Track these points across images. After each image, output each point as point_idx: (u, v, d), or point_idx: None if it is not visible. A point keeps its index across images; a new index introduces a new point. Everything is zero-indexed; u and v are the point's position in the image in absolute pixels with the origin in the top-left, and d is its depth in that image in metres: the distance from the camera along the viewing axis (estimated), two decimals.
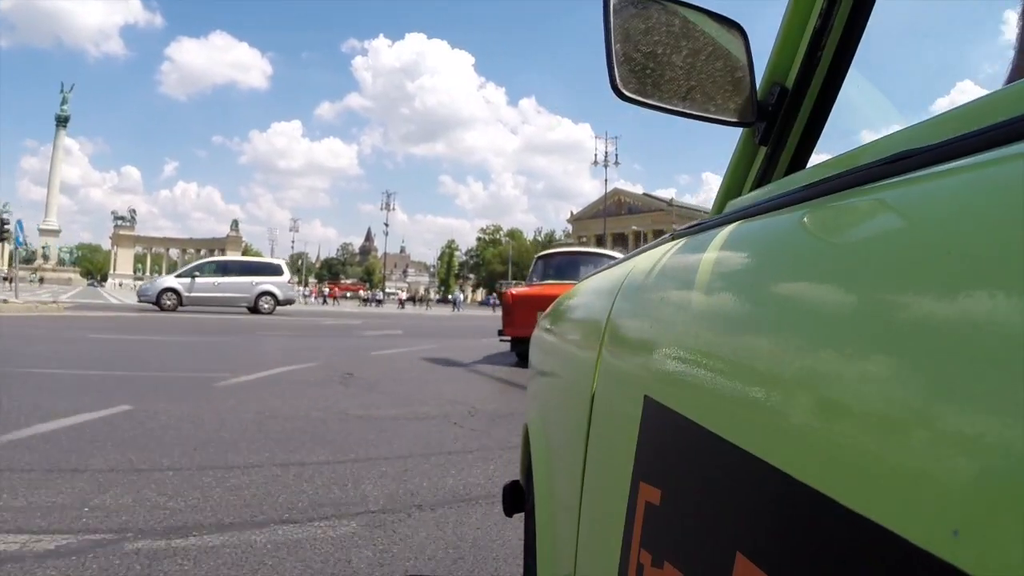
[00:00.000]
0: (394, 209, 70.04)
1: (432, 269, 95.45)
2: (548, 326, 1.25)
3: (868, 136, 0.84)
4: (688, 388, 0.39)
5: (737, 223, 0.49)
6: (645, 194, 72.22)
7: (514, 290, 7.81)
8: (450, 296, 63.94)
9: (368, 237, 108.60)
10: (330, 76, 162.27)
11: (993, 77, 0.67)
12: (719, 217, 0.60)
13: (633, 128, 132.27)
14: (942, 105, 0.69)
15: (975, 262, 0.20)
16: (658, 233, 71.54)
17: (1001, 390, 0.17)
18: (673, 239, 0.66)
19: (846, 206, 0.34)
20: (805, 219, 0.37)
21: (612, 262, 1.04)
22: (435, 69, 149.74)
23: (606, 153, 48.20)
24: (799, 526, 0.24)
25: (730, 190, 0.79)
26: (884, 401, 0.21)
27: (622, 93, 0.66)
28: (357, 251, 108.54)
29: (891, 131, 0.40)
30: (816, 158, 0.71)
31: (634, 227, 64.86)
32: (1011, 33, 0.58)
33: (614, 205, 69.45)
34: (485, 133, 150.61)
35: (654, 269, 0.59)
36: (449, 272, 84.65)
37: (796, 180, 0.50)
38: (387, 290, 68.33)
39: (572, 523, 0.65)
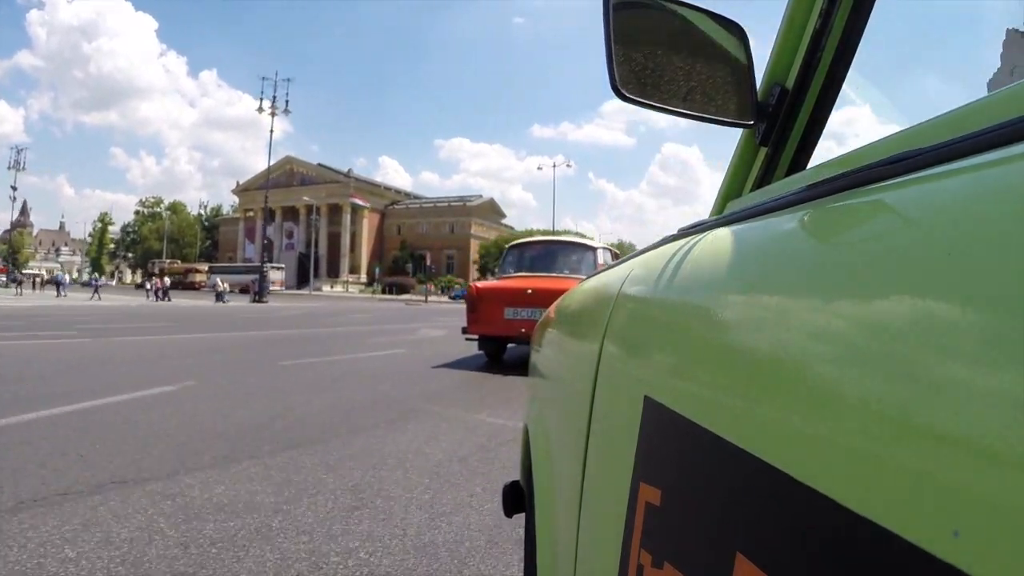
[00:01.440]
0: (24, 169, 55.41)
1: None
2: (549, 326, 1.25)
3: (868, 136, 0.84)
4: (688, 388, 0.39)
5: (737, 224, 0.49)
6: (320, 165, 66.08)
7: (480, 283, 6.97)
8: (54, 276, 48.61)
9: (24, 211, 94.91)
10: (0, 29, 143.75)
11: (994, 77, 0.67)
12: (719, 218, 0.60)
13: (313, 108, 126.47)
14: (942, 105, 0.69)
15: (975, 263, 0.20)
16: (332, 207, 56.92)
17: (1001, 390, 0.17)
18: (674, 239, 0.66)
19: (846, 207, 0.34)
20: (805, 220, 0.37)
21: (613, 262, 1.04)
22: (115, 31, 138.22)
23: (274, 97, 35.27)
24: (799, 526, 0.24)
25: (730, 190, 0.80)
26: (884, 401, 0.21)
27: (622, 93, 0.66)
28: (10, 226, 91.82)
29: (891, 131, 0.40)
30: (816, 158, 0.71)
31: (306, 198, 59.18)
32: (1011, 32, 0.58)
33: (285, 175, 63.59)
34: (162, 104, 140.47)
35: (654, 269, 0.59)
36: (101, 250, 72.74)
37: (796, 181, 0.50)
38: (26, 271, 53.80)
39: (572, 523, 0.65)
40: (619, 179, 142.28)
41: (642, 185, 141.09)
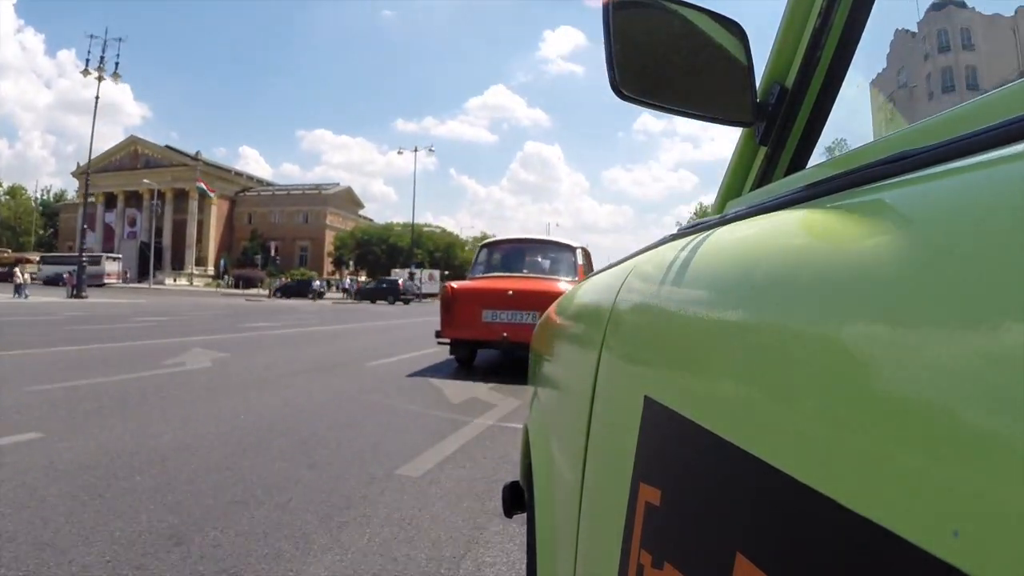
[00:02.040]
0: None
1: None
2: (549, 326, 1.25)
3: (868, 136, 0.84)
4: (688, 388, 0.39)
5: (737, 223, 0.49)
6: (168, 147, 59.15)
7: (455, 283, 6.33)
8: None
9: None
10: None
11: (993, 77, 0.67)
12: (720, 217, 0.60)
13: (174, 95, 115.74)
14: (942, 105, 0.69)
15: (976, 262, 0.20)
16: (179, 192, 51.71)
17: (1001, 389, 0.17)
18: (674, 239, 0.66)
19: (846, 206, 0.34)
20: (805, 219, 0.37)
21: (612, 262, 1.04)
22: None
23: (101, 58, 26.40)
24: (799, 526, 0.24)
25: (730, 190, 0.80)
26: (884, 401, 0.21)
27: (622, 93, 0.66)
28: None
29: (891, 131, 0.40)
30: (816, 158, 0.71)
31: (147, 181, 51.66)
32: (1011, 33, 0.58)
33: (129, 157, 57.94)
34: (16, 84, 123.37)
35: (654, 269, 0.59)
36: None
37: (796, 180, 0.50)
38: None
39: (572, 524, 0.65)
40: (481, 175, 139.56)
41: (503, 182, 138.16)
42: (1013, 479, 0.15)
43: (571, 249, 6.91)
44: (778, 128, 0.71)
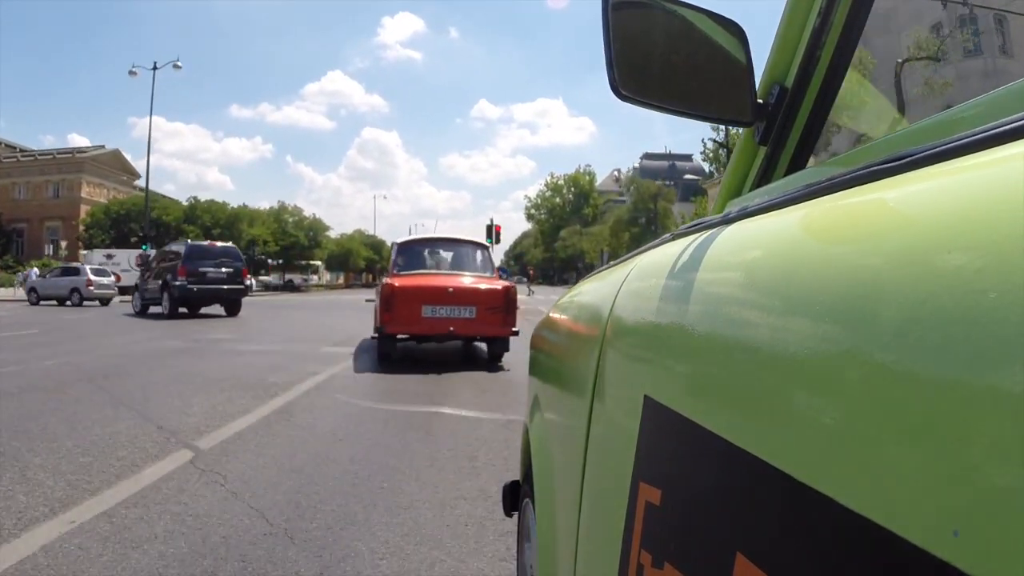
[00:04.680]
0: None
1: None
2: (549, 325, 1.25)
3: (868, 136, 0.84)
4: (688, 388, 0.40)
5: (738, 223, 0.49)
6: None
7: (396, 281, 6.43)
8: None
9: None
10: None
11: (993, 77, 0.67)
12: (720, 217, 0.60)
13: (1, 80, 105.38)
14: (942, 105, 0.69)
15: (975, 262, 0.20)
16: None
17: (1001, 389, 0.17)
18: (674, 239, 0.66)
19: (846, 206, 0.34)
20: (805, 219, 0.37)
21: (612, 262, 1.04)
22: None
23: None
24: (799, 526, 0.24)
25: (731, 190, 0.80)
26: (884, 401, 0.21)
27: (621, 93, 0.65)
28: None
29: (891, 131, 0.40)
30: (816, 158, 0.71)
31: None
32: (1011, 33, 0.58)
33: None
34: None
35: (655, 269, 0.59)
36: None
37: (797, 180, 0.50)
38: None
39: (572, 523, 0.65)
40: (317, 163, 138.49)
41: (341, 169, 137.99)
42: (1012, 479, 0.15)
43: (484, 247, 7.39)
44: (778, 128, 0.70)
